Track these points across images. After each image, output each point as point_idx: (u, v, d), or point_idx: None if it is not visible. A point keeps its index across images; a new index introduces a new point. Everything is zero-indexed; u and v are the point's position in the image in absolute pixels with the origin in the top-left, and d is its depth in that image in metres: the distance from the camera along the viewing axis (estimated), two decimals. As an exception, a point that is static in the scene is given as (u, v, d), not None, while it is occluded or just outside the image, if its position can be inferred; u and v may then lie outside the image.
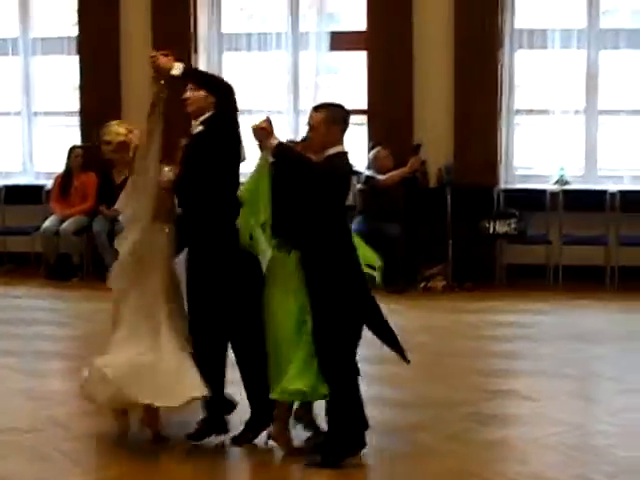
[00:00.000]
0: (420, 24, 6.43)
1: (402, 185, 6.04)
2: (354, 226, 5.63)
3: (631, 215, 6.15)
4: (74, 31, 7.22)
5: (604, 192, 6.38)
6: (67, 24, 7.49)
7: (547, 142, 6.87)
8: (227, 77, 6.66)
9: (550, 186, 6.39)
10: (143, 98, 6.57)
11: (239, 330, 3.10)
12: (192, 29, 6.73)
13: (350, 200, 5.20)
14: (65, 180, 6.49)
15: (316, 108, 3.02)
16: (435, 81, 6.47)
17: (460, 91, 6.34)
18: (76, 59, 7.00)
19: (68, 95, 7.15)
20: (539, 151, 7.06)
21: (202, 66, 6.68)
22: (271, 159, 2.95)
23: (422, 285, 6.29)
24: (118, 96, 6.83)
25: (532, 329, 5.50)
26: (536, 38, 6.51)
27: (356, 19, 6.84)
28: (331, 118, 2.93)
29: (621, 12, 6.56)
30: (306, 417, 3.18)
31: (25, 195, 6.93)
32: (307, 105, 6.49)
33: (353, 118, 5.27)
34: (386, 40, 6.51)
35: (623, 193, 6.24)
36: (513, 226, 6.32)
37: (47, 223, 6.32)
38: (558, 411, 4.01)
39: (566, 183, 6.37)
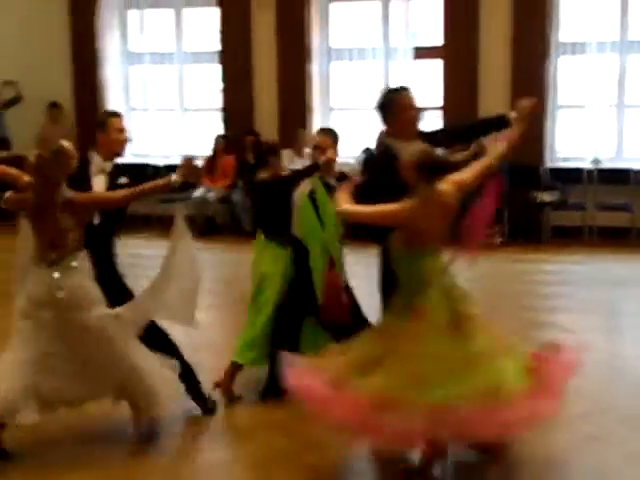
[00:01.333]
0: (485, 39, 7.62)
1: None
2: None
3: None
4: (217, 46, 8.40)
5: (629, 170, 7.40)
6: (212, 40, 8.56)
7: (584, 130, 7.76)
8: (334, 83, 8.45)
9: (586, 165, 7.45)
10: (270, 101, 8.27)
11: None
12: (306, 43, 7.96)
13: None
14: (211, 161, 7.93)
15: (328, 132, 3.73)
16: (496, 83, 7.69)
17: (516, 91, 7.42)
18: (219, 67, 8.39)
19: (213, 96, 8.45)
20: (579, 138, 7.85)
21: (315, 73, 8.18)
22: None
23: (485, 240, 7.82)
24: (250, 97, 8.18)
25: (571, 276, 6.54)
26: (576, 47, 7.54)
27: (434, 34, 7.90)
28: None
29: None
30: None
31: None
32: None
33: (432, 113, 6.66)
34: (458, 51, 7.65)
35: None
36: (556, 196, 7.44)
37: (197, 193, 7.70)
38: (592, 340, 4.69)
39: (599, 162, 7.41)
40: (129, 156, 8.21)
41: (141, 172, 8.12)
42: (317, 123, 8.15)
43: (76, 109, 8.67)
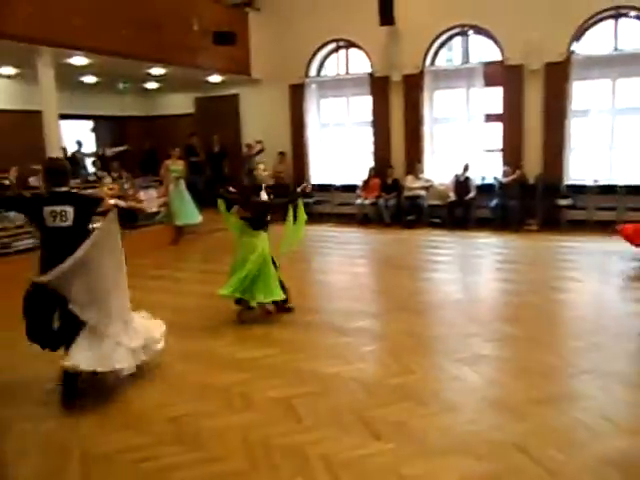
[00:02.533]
0: (527, 110, 10.79)
1: (517, 182, 11.02)
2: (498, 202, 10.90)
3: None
4: (370, 117, 12.11)
5: (616, 185, 10.24)
6: (366, 113, 12.25)
7: (588, 161, 10.70)
8: (437, 137, 12.01)
9: (589, 182, 10.44)
10: (399, 147, 11.89)
11: None
12: (420, 114, 11.58)
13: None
14: (367, 181, 11.81)
15: None
16: (534, 136, 10.78)
17: (546, 141, 10.70)
18: (371, 130, 12.27)
19: (368, 145, 12.77)
20: (584, 165, 10.74)
21: (426, 132, 11.67)
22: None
23: (526, 228, 10.60)
24: (389, 145, 12.30)
25: (578, 249, 8.97)
26: (582, 113, 10.48)
27: (497, 107, 11.05)
28: None
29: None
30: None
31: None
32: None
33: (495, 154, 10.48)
34: (511, 117, 10.85)
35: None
36: (569, 202, 10.50)
37: (358, 200, 11.90)
38: (590, 286, 6.92)
39: (597, 181, 10.31)
40: (318, 178, 13.23)
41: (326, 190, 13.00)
42: (427, 161, 11.91)
43: (293, 155, 13.06)
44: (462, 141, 11.60)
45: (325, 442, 3.43)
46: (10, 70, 10.80)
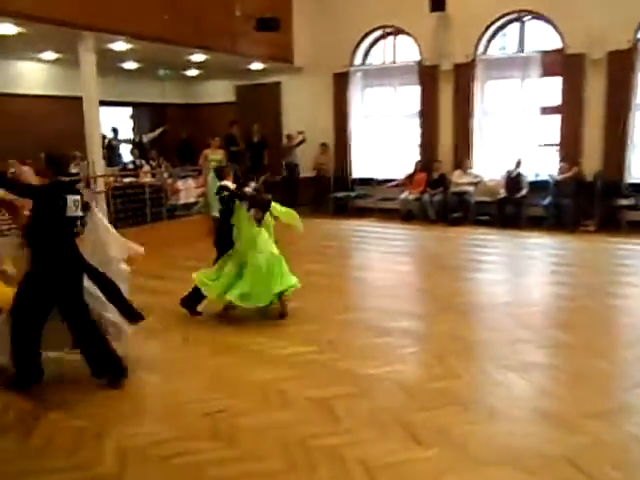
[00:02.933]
0: (587, 100, 10.52)
1: (573, 180, 10.68)
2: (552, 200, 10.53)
3: None
4: (418, 107, 12.03)
5: None
6: (414, 104, 12.12)
7: None
8: (486, 131, 11.86)
9: None
10: (447, 140, 11.77)
11: None
12: (470, 106, 11.52)
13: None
14: (411, 175, 11.68)
15: None
16: (594, 129, 10.50)
17: (606, 134, 10.40)
18: (418, 121, 12.12)
19: (414, 136, 12.76)
20: None
21: (475, 125, 11.53)
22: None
23: (582, 228, 10.30)
24: (437, 138, 12.13)
25: (637, 253, 8.94)
26: None
27: (555, 98, 10.88)
28: None
29: None
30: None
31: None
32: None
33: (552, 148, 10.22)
34: (570, 108, 10.62)
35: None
36: (630, 202, 10.19)
37: (402, 195, 11.83)
38: None
39: None
40: (360, 172, 13.25)
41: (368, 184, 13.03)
42: (477, 155, 11.70)
43: (335, 147, 13.07)
44: (515, 135, 11.40)
45: (364, 445, 3.43)
46: (51, 55, 11.11)
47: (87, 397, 4.21)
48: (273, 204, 6.22)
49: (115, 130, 12.99)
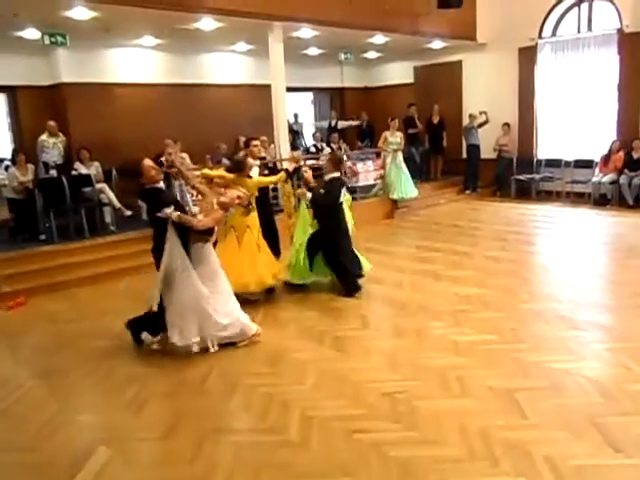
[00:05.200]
0: None
1: None
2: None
3: None
4: (615, 82, 10.82)
5: None
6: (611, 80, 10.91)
7: None
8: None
9: None
10: None
11: None
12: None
13: None
14: (606, 156, 10.82)
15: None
16: None
17: None
18: (616, 96, 10.95)
19: (610, 114, 11.10)
20: None
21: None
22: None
23: None
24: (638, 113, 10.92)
25: None
26: None
27: None
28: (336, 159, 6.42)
29: None
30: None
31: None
32: None
33: None
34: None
35: None
36: None
37: (595, 178, 11.02)
38: None
39: None
40: (547, 152, 12.41)
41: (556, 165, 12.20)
42: None
43: (519, 127, 12.41)
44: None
45: (552, 444, 3.24)
46: (243, 47, 11.89)
47: (274, 369, 4.50)
48: None
49: (296, 115, 13.60)
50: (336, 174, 6.26)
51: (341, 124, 13.25)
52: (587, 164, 11.35)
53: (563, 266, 7.23)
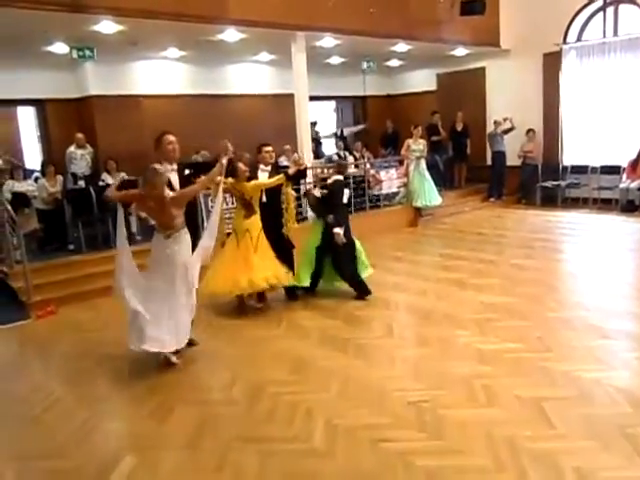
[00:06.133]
0: None
1: None
2: None
3: None
4: None
5: None
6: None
7: None
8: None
9: None
10: None
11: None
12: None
13: None
14: (635, 161, 10.65)
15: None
16: None
17: None
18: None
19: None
20: None
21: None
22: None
23: None
24: None
25: None
26: None
27: None
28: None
29: None
30: None
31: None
32: None
33: None
34: None
35: None
36: None
37: (623, 184, 10.83)
38: None
39: None
40: (572, 159, 12.25)
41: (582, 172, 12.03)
42: None
43: (544, 133, 12.26)
44: None
45: (581, 454, 3.19)
46: (266, 57, 12.00)
47: (299, 377, 4.51)
48: None
49: (313, 124, 13.60)
50: (339, 177, 6.49)
51: (346, 131, 13.21)
52: (614, 170, 11.19)
53: (591, 274, 7.12)
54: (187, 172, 5.11)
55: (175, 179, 5.01)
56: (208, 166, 5.23)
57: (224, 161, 5.02)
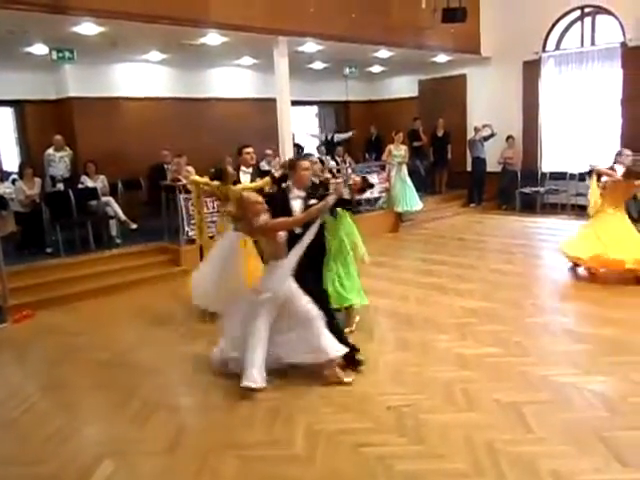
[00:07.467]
0: None
1: None
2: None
3: None
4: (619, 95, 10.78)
5: None
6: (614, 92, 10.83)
7: None
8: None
9: None
10: None
11: None
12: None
13: None
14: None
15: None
16: None
17: None
18: (619, 109, 10.91)
19: (614, 126, 11.24)
20: None
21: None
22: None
23: None
24: None
25: None
26: None
27: None
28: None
29: None
30: None
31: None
32: None
33: None
34: None
35: None
36: None
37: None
38: None
39: None
40: (551, 165, 12.39)
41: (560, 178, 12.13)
42: None
43: (523, 140, 12.46)
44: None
45: (559, 458, 3.23)
46: (248, 61, 11.99)
47: (280, 383, 4.45)
48: None
49: (299, 147, 13.45)
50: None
51: (337, 137, 13.22)
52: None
53: (568, 279, 7.22)
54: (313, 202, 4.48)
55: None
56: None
57: (330, 201, 4.36)
